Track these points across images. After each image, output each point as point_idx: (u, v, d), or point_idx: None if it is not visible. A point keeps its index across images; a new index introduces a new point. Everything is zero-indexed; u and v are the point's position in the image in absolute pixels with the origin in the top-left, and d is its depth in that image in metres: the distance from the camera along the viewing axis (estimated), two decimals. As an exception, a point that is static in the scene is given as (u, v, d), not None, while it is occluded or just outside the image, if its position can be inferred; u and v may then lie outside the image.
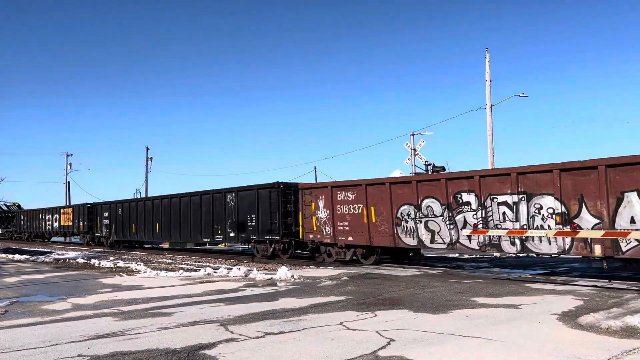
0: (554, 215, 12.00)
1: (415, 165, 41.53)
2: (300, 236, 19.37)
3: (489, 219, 13.32)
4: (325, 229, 18.32)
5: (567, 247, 11.81)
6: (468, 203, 13.91)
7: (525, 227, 12.53)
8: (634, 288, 10.86)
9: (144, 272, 15.56)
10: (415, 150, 41.04)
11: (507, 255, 14.88)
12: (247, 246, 24.68)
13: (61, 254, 25.06)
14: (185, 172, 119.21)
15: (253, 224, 21.32)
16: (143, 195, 45.58)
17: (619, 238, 10.87)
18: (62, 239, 42.92)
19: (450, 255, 20.42)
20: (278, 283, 12.67)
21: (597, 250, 11.31)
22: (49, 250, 29.83)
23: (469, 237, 13.85)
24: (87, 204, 35.19)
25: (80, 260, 20.87)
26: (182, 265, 18.24)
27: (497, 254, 14.61)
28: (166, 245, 32.83)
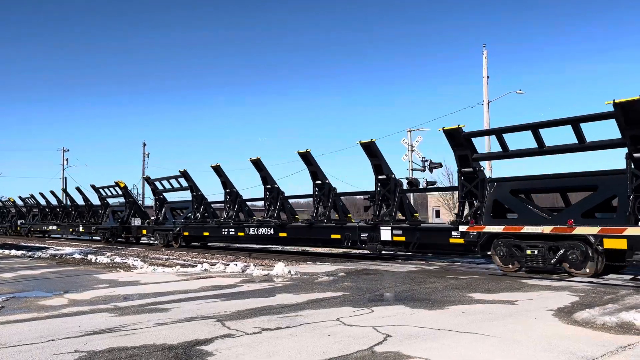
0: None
1: (412, 162, 41.55)
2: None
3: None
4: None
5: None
6: None
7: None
8: (630, 284, 10.91)
9: (141, 268, 15.55)
10: (412, 146, 40.97)
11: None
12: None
13: (58, 250, 25.03)
14: (181, 167, 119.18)
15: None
16: (140, 191, 45.43)
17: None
18: None
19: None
20: (275, 279, 12.68)
21: None
22: (45, 245, 29.79)
23: None
24: None
25: (77, 256, 20.82)
26: (179, 261, 18.23)
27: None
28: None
